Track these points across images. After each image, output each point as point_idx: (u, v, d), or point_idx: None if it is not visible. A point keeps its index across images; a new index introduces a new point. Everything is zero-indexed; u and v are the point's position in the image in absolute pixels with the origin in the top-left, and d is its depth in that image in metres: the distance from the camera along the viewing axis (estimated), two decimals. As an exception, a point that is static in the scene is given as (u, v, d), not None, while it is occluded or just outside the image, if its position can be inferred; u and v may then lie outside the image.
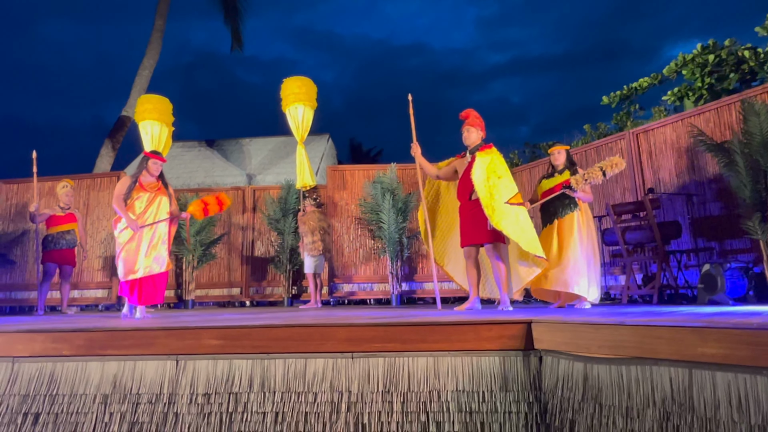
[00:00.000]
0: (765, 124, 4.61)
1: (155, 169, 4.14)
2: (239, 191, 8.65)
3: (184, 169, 13.65)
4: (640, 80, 9.41)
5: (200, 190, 8.80)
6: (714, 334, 1.55)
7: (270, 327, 2.31)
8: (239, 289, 8.24)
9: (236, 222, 8.47)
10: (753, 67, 7.50)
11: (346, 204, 8.25)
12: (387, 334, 2.24)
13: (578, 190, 4.11)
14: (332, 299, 7.92)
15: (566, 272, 4.01)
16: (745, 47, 7.64)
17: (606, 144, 6.97)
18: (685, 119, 5.99)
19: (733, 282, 4.31)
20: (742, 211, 4.80)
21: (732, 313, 2.60)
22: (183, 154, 14.37)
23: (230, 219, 8.46)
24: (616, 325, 1.84)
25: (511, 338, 2.19)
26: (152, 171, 4.13)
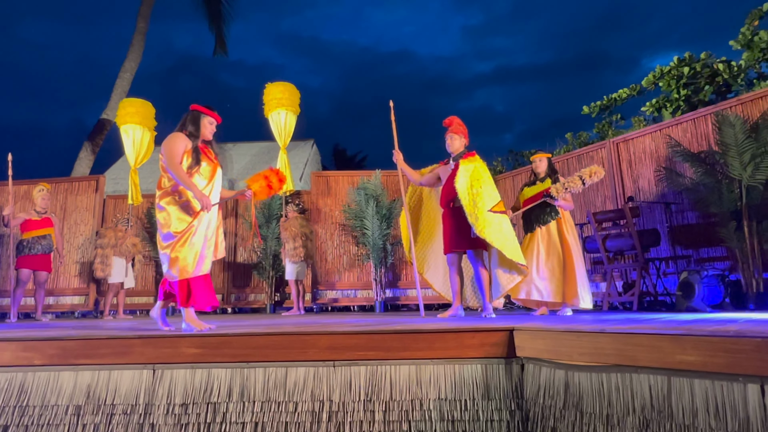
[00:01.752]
0: (739, 135, 4.73)
1: (210, 131, 3.13)
2: (221, 196, 8.53)
3: (166, 174, 13.46)
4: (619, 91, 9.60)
5: (182, 194, 8.67)
6: (692, 342, 1.57)
7: (250, 335, 2.27)
8: (221, 295, 8.11)
9: (218, 227, 8.35)
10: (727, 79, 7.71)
11: (330, 210, 8.21)
12: (369, 342, 2.22)
13: (558, 198, 4.16)
14: (315, 306, 7.85)
15: (579, 290, 4.05)
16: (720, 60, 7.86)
17: (587, 153, 7.07)
18: (663, 129, 6.12)
19: (709, 289, 4.40)
20: (718, 220, 4.91)
21: (709, 320, 2.64)
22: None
23: (212, 224, 8.34)
24: (596, 332, 1.85)
25: (494, 346, 2.19)
26: (207, 133, 3.10)
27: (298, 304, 6.53)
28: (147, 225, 8.12)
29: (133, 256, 6.78)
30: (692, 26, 47.56)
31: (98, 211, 8.15)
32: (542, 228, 4.26)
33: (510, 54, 61.40)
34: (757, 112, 5.11)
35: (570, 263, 4.14)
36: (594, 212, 5.64)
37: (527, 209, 4.35)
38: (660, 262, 5.42)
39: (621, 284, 5.80)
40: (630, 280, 5.86)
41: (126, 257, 6.61)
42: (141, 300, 8.03)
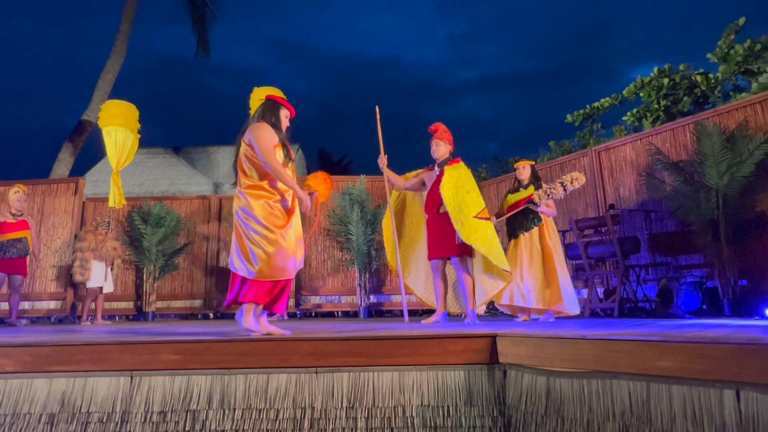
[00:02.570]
0: (716, 145, 4.85)
1: (285, 125, 2.92)
2: (204, 200, 8.45)
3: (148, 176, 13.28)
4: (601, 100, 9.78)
5: (164, 198, 8.56)
6: (670, 348, 1.59)
7: (231, 341, 2.24)
8: (202, 300, 8.00)
9: (200, 231, 8.25)
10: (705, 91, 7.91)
11: (314, 215, 8.15)
12: (352, 348, 2.20)
13: (541, 204, 4.20)
14: (299, 312, 7.79)
15: (563, 295, 4.09)
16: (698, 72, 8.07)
17: (570, 161, 7.18)
18: (643, 139, 6.24)
19: (687, 296, 4.48)
20: (696, 228, 5.02)
21: (687, 326, 2.69)
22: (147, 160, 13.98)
23: (194, 228, 8.25)
24: (577, 339, 1.87)
25: (476, 352, 2.19)
26: (284, 127, 2.90)
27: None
28: (128, 228, 7.98)
29: (113, 260, 6.65)
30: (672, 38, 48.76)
31: (77, 213, 7.99)
32: (526, 234, 4.30)
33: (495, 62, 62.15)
34: (733, 123, 5.25)
35: (553, 269, 4.19)
36: (576, 219, 5.72)
37: (511, 215, 4.39)
38: (640, 269, 5.51)
39: (602, 290, 5.88)
40: (611, 287, 5.94)
41: (106, 261, 6.49)
42: (120, 305, 7.88)
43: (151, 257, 7.58)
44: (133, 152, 7.68)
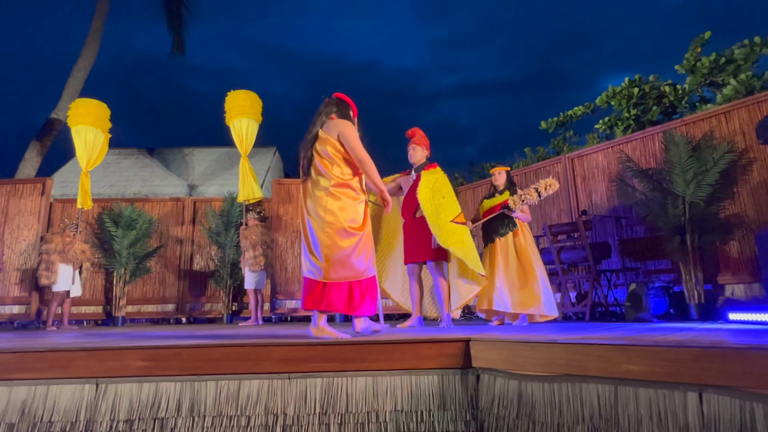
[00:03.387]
0: (683, 153, 5.01)
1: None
2: (178, 202, 8.29)
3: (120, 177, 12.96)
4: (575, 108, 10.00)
5: (136, 199, 8.36)
6: (637, 352, 1.62)
7: (202, 346, 2.19)
8: (175, 305, 7.84)
9: (174, 234, 8.09)
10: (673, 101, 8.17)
11: (291, 218, 8.11)
12: (326, 353, 2.18)
13: (516, 209, 4.26)
14: (274, 316, 7.70)
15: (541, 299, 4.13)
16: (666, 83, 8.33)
17: (544, 167, 7.30)
18: (614, 146, 6.40)
19: (656, 300, 4.60)
20: (664, 234, 5.16)
21: (654, 330, 2.76)
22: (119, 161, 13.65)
23: (167, 231, 8.08)
24: (549, 343, 1.89)
25: (450, 356, 2.20)
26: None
27: (257, 314, 6.39)
28: (98, 231, 7.76)
29: (81, 263, 6.46)
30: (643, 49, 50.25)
31: (44, 215, 7.73)
32: (501, 239, 4.34)
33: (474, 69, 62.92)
34: (699, 132, 5.43)
35: (530, 273, 4.23)
36: (550, 225, 5.81)
37: (486, 221, 4.43)
38: (611, 273, 5.63)
39: (575, 295, 5.99)
40: (583, 291, 6.06)
41: (73, 264, 6.29)
42: (88, 310, 7.64)
43: (121, 260, 7.39)
44: (104, 152, 7.49)
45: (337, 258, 2.55)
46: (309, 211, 2.64)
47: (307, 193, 2.67)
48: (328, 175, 2.64)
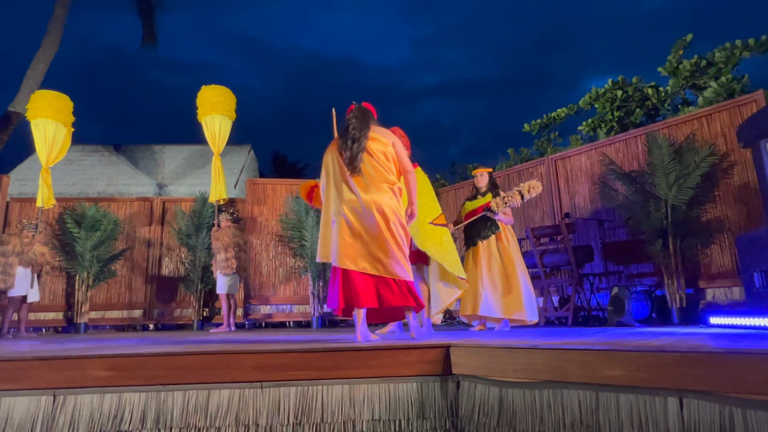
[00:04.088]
0: (666, 156, 5.14)
1: None
2: (146, 202, 8.14)
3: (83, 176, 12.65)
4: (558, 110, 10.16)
5: (101, 199, 8.18)
6: (618, 357, 1.65)
7: (169, 354, 2.15)
8: (142, 311, 7.69)
9: (141, 236, 7.94)
10: (656, 103, 8.37)
11: (266, 220, 8.04)
12: (300, 360, 2.16)
13: (498, 212, 4.30)
14: (247, 322, 7.62)
15: (522, 303, 4.16)
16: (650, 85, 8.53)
17: (527, 168, 7.40)
18: (598, 148, 6.53)
19: (638, 304, 4.70)
20: (646, 237, 5.28)
21: (636, 334, 2.81)
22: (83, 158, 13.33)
23: (134, 232, 7.93)
24: (530, 348, 1.91)
25: (430, 363, 2.20)
26: None
27: (229, 320, 6.31)
28: (59, 232, 7.56)
29: (41, 267, 6.27)
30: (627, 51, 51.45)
31: (0, 215, 7.49)
32: (483, 242, 4.38)
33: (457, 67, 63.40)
34: (681, 135, 5.58)
35: (513, 275, 4.27)
36: (532, 227, 5.89)
37: (468, 223, 4.46)
38: (594, 277, 5.73)
39: (557, 299, 6.08)
40: (566, 295, 6.15)
41: (32, 267, 6.11)
42: (48, 316, 7.44)
43: (84, 263, 7.21)
44: (66, 147, 7.30)
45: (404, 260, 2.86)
46: (384, 208, 2.86)
47: (365, 188, 2.87)
48: (387, 176, 2.93)
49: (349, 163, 2.90)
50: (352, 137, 2.94)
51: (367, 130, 2.98)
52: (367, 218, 2.84)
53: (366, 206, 2.84)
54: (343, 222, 2.85)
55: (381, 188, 2.89)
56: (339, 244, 2.82)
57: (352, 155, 2.90)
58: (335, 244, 2.84)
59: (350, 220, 2.85)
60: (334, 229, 2.87)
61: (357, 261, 2.80)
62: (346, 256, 2.81)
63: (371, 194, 2.86)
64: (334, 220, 2.89)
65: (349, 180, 2.89)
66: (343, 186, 2.90)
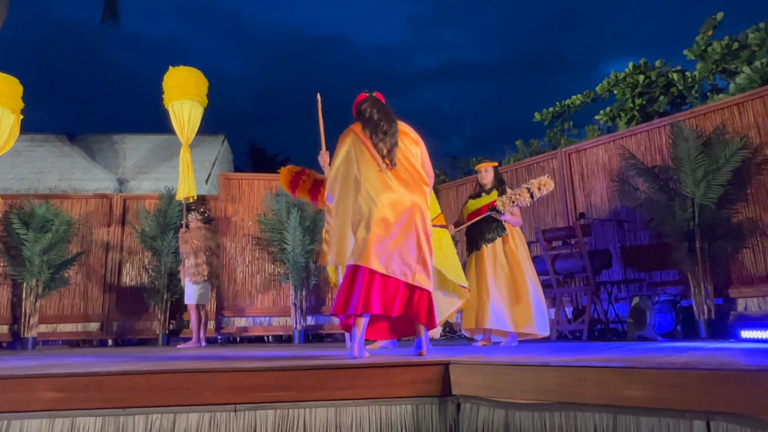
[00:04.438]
0: (693, 149, 5.18)
1: None
2: (104, 200, 8.10)
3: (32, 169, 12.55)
4: (573, 97, 10.22)
5: (52, 196, 8.12)
6: (638, 375, 1.66)
7: (130, 374, 2.14)
8: (99, 324, 7.66)
9: (98, 238, 7.89)
10: (682, 90, 8.45)
11: (241, 220, 8.03)
12: (279, 380, 2.16)
13: (505, 212, 4.31)
14: (220, 336, 7.60)
15: (532, 314, 4.17)
16: (675, 70, 8.61)
17: (538, 163, 7.44)
18: (617, 140, 6.58)
19: (661, 316, 4.73)
20: (671, 241, 5.32)
21: (658, 350, 2.83)
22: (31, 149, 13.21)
23: (91, 234, 7.88)
24: (539, 366, 1.92)
25: (426, 383, 2.20)
26: None
27: (199, 334, 6.29)
28: (3, 234, 7.49)
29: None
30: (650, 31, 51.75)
31: (-65, 214, 7.42)
32: (488, 246, 4.38)
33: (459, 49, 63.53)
34: (710, 126, 5.62)
35: (522, 284, 4.27)
36: (543, 229, 5.92)
37: (471, 224, 4.47)
38: (612, 285, 5.76)
39: (571, 310, 6.11)
40: (580, 306, 6.18)
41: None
42: (-10, 329, 7.37)
43: (32, 269, 7.15)
44: (14, 137, 7.25)
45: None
46: (423, 210, 2.96)
47: (406, 184, 2.95)
48: (422, 174, 3.05)
49: (386, 155, 2.95)
50: (383, 129, 3.00)
51: (396, 123, 3.07)
52: (406, 218, 2.89)
53: (406, 205, 2.91)
54: (378, 218, 2.84)
55: (419, 188, 3.00)
56: (369, 242, 2.80)
57: (388, 148, 2.96)
58: (361, 242, 2.82)
59: (386, 216, 2.85)
60: (362, 225, 2.85)
61: (388, 263, 2.81)
62: (376, 255, 2.79)
63: (411, 193, 2.94)
64: (360, 217, 2.87)
65: (386, 173, 2.93)
66: (378, 179, 2.92)
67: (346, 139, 3.07)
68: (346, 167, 2.99)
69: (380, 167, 2.93)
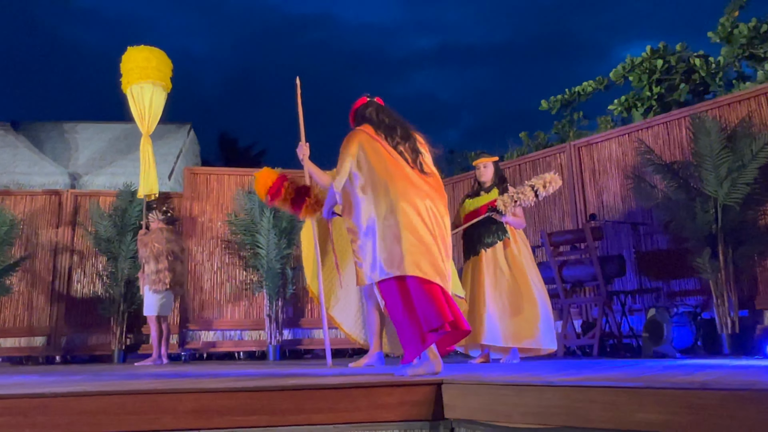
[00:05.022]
0: (716, 144, 5.23)
1: None
2: (53, 197, 8.03)
3: (-30, 162, 12.42)
4: (583, 84, 10.29)
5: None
6: (653, 397, 1.67)
7: (80, 395, 2.12)
8: (45, 338, 7.61)
9: (46, 241, 7.83)
10: (704, 77, 8.54)
11: (209, 220, 8.01)
12: (251, 402, 2.15)
13: (506, 213, 4.33)
14: (184, 353, 7.58)
15: (536, 327, 4.18)
16: (697, 55, 8.71)
17: (544, 157, 7.48)
18: (632, 133, 6.63)
19: (679, 330, 4.78)
20: (691, 246, 5.37)
21: (676, 368, 2.86)
22: (-31, 139, 13.08)
23: (36, 236, 7.82)
24: (541, 386, 1.93)
25: (416, 405, 2.21)
26: None
27: (159, 350, 6.26)
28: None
29: None
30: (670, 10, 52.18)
31: None
32: (487, 251, 4.40)
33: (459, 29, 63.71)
34: (735, 118, 5.69)
35: (527, 294, 4.28)
36: (549, 232, 5.95)
37: (468, 227, 4.49)
38: (625, 295, 5.81)
39: (580, 323, 6.15)
40: (590, 319, 6.23)
41: None
42: None
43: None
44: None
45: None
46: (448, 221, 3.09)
47: (437, 190, 3.08)
48: (442, 183, 3.20)
49: (413, 159, 3.07)
50: (401, 135, 3.12)
51: (411, 127, 3.22)
52: (440, 225, 2.99)
53: (441, 211, 3.03)
54: (419, 221, 2.88)
55: (444, 198, 3.11)
56: (412, 247, 2.81)
57: (413, 152, 3.09)
58: (411, 248, 2.81)
59: (426, 220, 2.90)
60: (403, 231, 2.83)
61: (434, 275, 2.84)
62: (428, 263, 2.83)
63: (440, 200, 3.06)
64: (395, 221, 2.85)
65: (418, 176, 3.03)
66: (410, 181, 2.98)
67: (362, 137, 3.08)
68: (367, 168, 3.00)
69: (412, 168, 3.03)
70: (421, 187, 3.00)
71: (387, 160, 3.01)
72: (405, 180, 2.96)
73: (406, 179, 2.97)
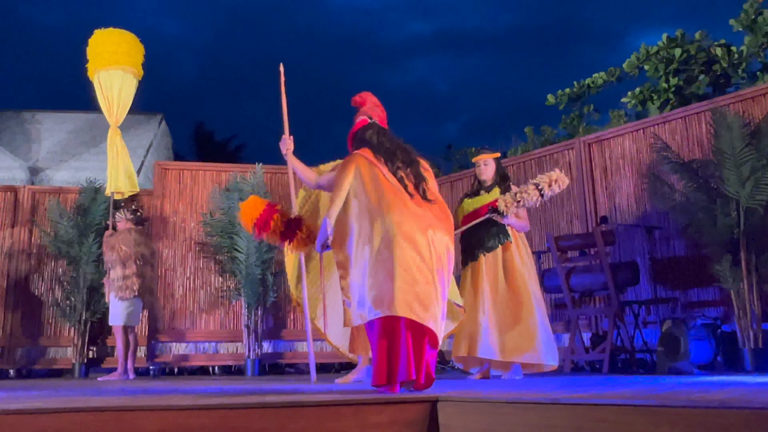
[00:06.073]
0: (737, 140, 5.25)
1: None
2: (8, 193, 7.99)
3: None
4: (594, 75, 10.34)
5: (-59, 188, 7.97)
6: (668, 416, 1.68)
7: (36, 412, 2.11)
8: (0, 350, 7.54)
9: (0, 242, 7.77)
10: (726, 68, 8.60)
11: (182, 220, 8.00)
12: (226, 421, 2.14)
13: (509, 214, 4.33)
14: (153, 366, 7.55)
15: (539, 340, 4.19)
16: (718, 44, 8.76)
17: (551, 154, 7.50)
18: (647, 128, 6.66)
19: (698, 344, 4.80)
20: (710, 252, 5.39)
21: (695, 384, 2.87)
22: None
23: (-11, 237, 7.76)
24: (547, 404, 1.93)
25: (409, 425, 2.20)
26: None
27: (126, 363, 6.23)
28: None
29: None
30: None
31: None
32: (488, 256, 4.41)
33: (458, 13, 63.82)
34: (759, 112, 5.72)
35: (527, 304, 4.30)
36: (556, 236, 5.96)
37: (467, 229, 4.49)
38: (639, 306, 5.82)
39: (589, 336, 6.16)
40: (601, 331, 6.24)
41: None
42: None
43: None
44: None
45: None
46: (452, 252, 3.15)
47: (440, 219, 3.16)
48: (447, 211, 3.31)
49: (415, 185, 3.16)
50: (402, 159, 3.23)
51: (415, 153, 3.36)
52: (441, 259, 3.03)
53: (446, 242, 3.09)
54: (416, 256, 2.91)
55: (450, 225, 3.23)
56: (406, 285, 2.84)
57: (416, 178, 3.19)
58: (404, 286, 2.83)
59: (425, 255, 2.94)
60: (397, 268, 2.85)
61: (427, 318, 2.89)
62: (421, 305, 2.86)
63: (444, 230, 3.13)
64: (389, 255, 2.88)
65: (419, 204, 3.11)
66: (410, 211, 3.03)
67: (360, 161, 3.18)
68: (362, 193, 3.07)
69: (412, 195, 3.11)
70: (423, 216, 3.03)
71: (385, 188, 3.04)
72: (404, 210, 2.99)
73: (405, 209, 3.00)
